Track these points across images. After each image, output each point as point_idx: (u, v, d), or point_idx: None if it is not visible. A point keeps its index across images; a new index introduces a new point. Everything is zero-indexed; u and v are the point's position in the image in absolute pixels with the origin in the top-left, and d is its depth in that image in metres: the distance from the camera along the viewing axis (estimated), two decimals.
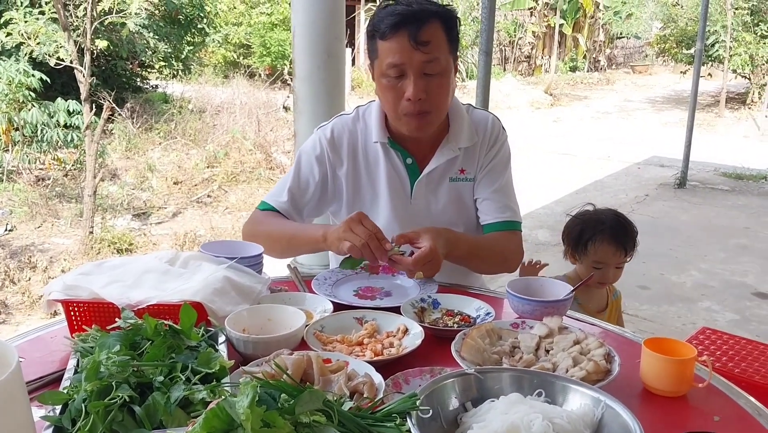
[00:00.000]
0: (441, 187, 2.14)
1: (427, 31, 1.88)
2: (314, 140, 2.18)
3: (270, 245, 2.06)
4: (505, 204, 2.17)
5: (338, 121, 2.18)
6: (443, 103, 2.01)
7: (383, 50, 1.93)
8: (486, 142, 2.16)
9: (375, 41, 1.96)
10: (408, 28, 1.87)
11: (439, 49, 1.92)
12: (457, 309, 1.72)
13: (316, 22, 3.75)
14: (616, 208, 2.82)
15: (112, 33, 9.23)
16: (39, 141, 7.96)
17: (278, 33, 15.26)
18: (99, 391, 1.11)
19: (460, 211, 2.18)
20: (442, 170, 2.13)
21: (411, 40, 1.87)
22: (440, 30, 1.92)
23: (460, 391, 1.19)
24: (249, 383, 0.97)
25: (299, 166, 2.18)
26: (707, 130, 13.38)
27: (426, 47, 1.88)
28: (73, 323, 1.48)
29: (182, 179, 8.56)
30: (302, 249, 2.14)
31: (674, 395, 1.38)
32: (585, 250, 2.62)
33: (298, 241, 2.07)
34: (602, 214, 2.69)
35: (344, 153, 2.14)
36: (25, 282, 5.48)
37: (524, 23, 20.86)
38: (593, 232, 2.61)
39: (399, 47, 1.89)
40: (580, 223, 2.67)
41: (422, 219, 2.12)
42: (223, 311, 1.48)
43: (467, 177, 2.16)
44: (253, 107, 10.68)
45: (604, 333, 1.68)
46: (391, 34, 1.89)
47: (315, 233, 1.98)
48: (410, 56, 1.89)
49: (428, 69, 1.91)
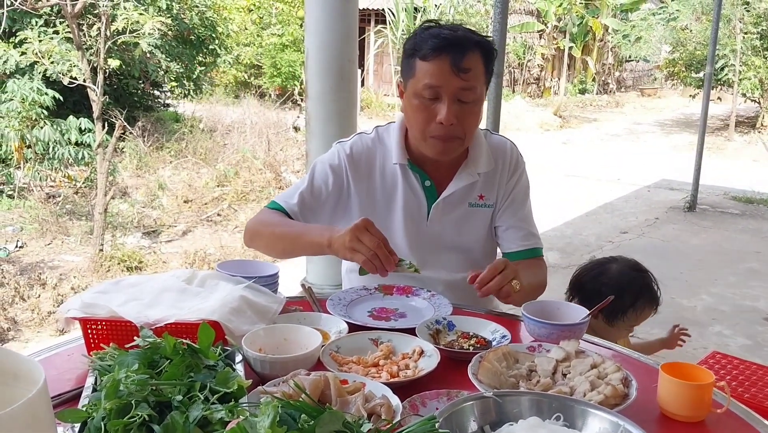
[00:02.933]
0: (458, 211, 2.15)
1: (468, 59, 1.90)
2: (333, 152, 2.17)
3: (272, 243, 2.07)
4: (528, 231, 2.20)
5: (358, 140, 2.18)
6: (472, 131, 2.03)
7: (422, 71, 1.93)
8: (506, 170, 2.18)
9: (413, 60, 1.96)
10: (451, 53, 1.88)
11: (477, 79, 1.94)
12: (473, 331, 1.71)
13: (329, 44, 3.79)
14: (626, 231, 2.81)
15: (125, 52, 9.31)
16: (50, 158, 8.02)
17: (289, 54, 15.35)
18: (118, 409, 1.11)
19: (477, 236, 2.19)
20: (460, 195, 2.13)
21: (452, 66, 1.88)
22: (480, 60, 1.94)
23: (479, 414, 1.19)
24: (270, 403, 0.97)
25: (313, 173, 2.16)
26: (717, 154, 13.36)
27: (466, 74, 1.90)
28: (90, 341, 1.49)
29: (192, 198, 8.59)
30: (305, 251, 2.12)
31: (692, 420, 1.37)
32: (623, 316, 2.51)
33: (301, 242, 2.00)
34: (633, 277, 2.54)
35: (362, 171, 2.14)
36: (35, 299, 5.49)
37: (533, 45, 20.94)
38: (634, 299, 2.50)
39: (439, 70, 1.90)
40: (616, 290, 2.35)
41: (437, 242, 2.13)
42: (239, 330, 1.48)
43: (486, 203, 2.17)
44: (263, 127, 10.73)
45: (621, 357, 1.67)
46: (433, 57, 1.90)
47: (320, 236, 1.91)
48: (449, 81, 1.90)
49: (463, 96, 1.92)
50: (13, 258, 6.41)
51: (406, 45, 2.00)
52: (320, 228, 2.00)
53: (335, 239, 1.84)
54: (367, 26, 18.06)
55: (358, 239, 1.77)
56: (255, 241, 2.12)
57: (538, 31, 20.72)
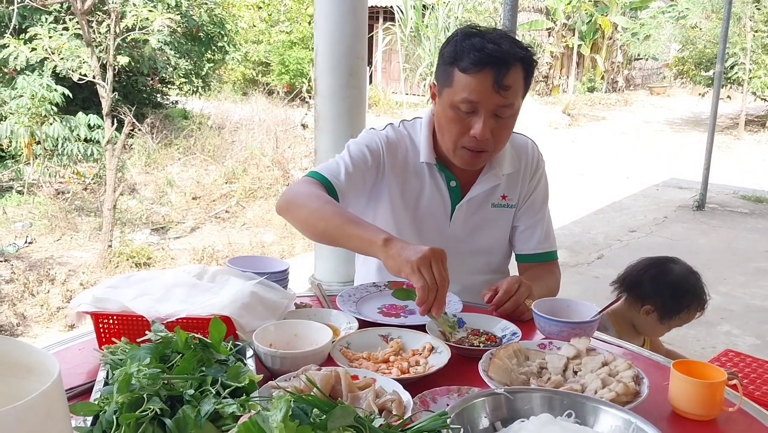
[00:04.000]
0: (482, 212, 2.14)
1: (510, 76, 1.85)
2: (369, 137, 2.10)
3: (313, 220, 1.84)
4: (545, 233, 2.20)
5: (392, 130, 2.14)
6: (503, 144, 2.01)
7: (461, 83, 1.87)
8: (528, 170, 2.17)
9: (452, 69, 1.89)
10: (493, 69, 1.83)
11: (516, 95, 1.89)
12: (483, 329, 1.71)
13: (339, 41, 3.79)
14: (635, 229, 2.82)
15: (134, 49, 9.34)
16: (60, 155, 8.04)
17: (297, 51, 15.37)
18: (130, 403, 1.11)
19: (498, 236, 2.19)
20: (484, 196, 2.12)
21: (494, 83, 1.83)
22: (521, 75, 1.89)
23: (490, 410, 1.19)
24: (282, 397, 0.97)
25: (350, 153, 2.04)
26: (726, 153, 13.30)
27: (506, 92, 1.85)
28: (101, 335, 1.49)
29: (201, 195, 8.61)
30: (346, 242, 1.79)
31: (704, 418, 1.36)
32: (677, 316, 2.58)
33: (349, 231, 1.75)
34: (693, 280, 2.61)
35: (398, 161, 2.10)
36: (44, 295, 5.51)
37: (542, 43, 20.88)
38: (691, 301, 2.57)
39: (480, 86, 1.84)
40: (676, 291, 2.56)
41: (458, 242, 2.12)
42: (250, 325, 1.48)
43: (509, 204, 2.16)
44: (272, 124, 10.75)
45: (631, 355, 1.67)
46: (475, 71, 1.84)
47: (375, 235, 1.68)
48: (489, 98, 1.85)
49: (501, 112, 1.89)
50: (23, 254, 6.44)
51: (445, 50, 1.94)
52: (377, 227, 1.81)
53: (396, 245, 1.63)
54: (376, 24, 18.04)
55: (429, 265, 1.56)
56: (292, 211, 1.91)
57: (547, 29, 20.65)
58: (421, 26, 16.68)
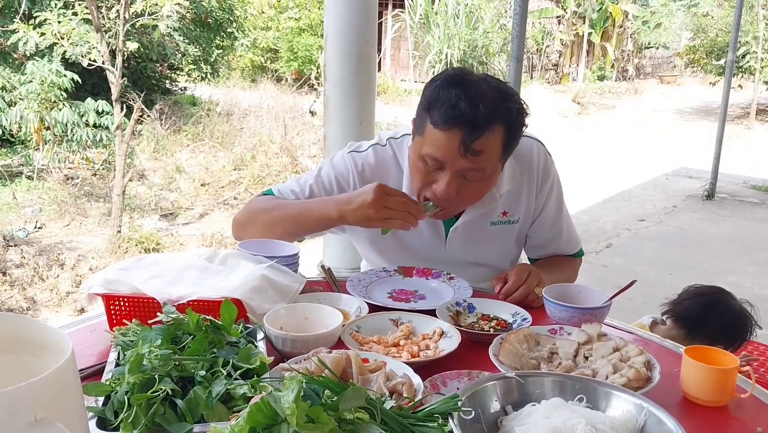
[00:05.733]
0: (479, 231, 2.00)
1: (483, 141, 1.66)
2: (344, 164, 1.98)
3: (269, 229, 1.89)
4: (569, 236, 2.15)
5: (372, 156, 1.98)
6: (474, 202, 1.87)
7: (429, 135, 1.70)
8: (534, 183, 2.00)
9: (426, 117, 1.72)
10: (462, 131, 1.64)
11: (489, 159, 1.71)
12: (493, 314, 1.70)
13: (348, 26, 3.76)
14: (644, 218, 2.83)
15: (143, 35, 9.33)
16: (69, 140, 8.06)
17: (306, 38, 15.34)
18: (142, 384, 1.12)
19: (500, 253, 2.09)
20: (480, 216, 1.98)
21: (461, 146, 1.65)
22: (499, 138, 1.70)
23: (501, 394, 1.18)
24: (294, 378, 0.97)
25: (319, 176, 2.00)
26: (737, 142, 13.21)
27: (475, 156, 1.68)
28: (112, 317, 1.49)
29: (209, 181, 8.63)
30: (310, 228, 1.91)
31: (716, 404, 1.36)
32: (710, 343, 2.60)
33: (305, 219, 1.86)
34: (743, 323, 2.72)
35: None
36: (54, 279, 5.55)
37: (552, 31, 20.76)
38: (735, 340, 2.68)
39: (446, 146, 1.67)
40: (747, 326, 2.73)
41: (457, 264, 2.01)
42: (261, 308, 1.48)
43: (510, 220, 2.02)
44: (280, 111, 10.75)
45: (642, 341, 1.66)
46: (443, 128, 1.66)
47: (326, 209, 1.79)
48: (454, 159, 1.68)
49: (469, 175, 1.73)
50: (32, 239, 6.47)
51: (425, 92, 1.76)
52: (323, 201, 1.87)
53: (349, 212, 1.75)
54: (385, 10, 17.95)
55: (385, 207, 1.70)
56: (248, 230, 1.94)
57: (557, 17, 20.54)
58: (431, 13, 16.60)
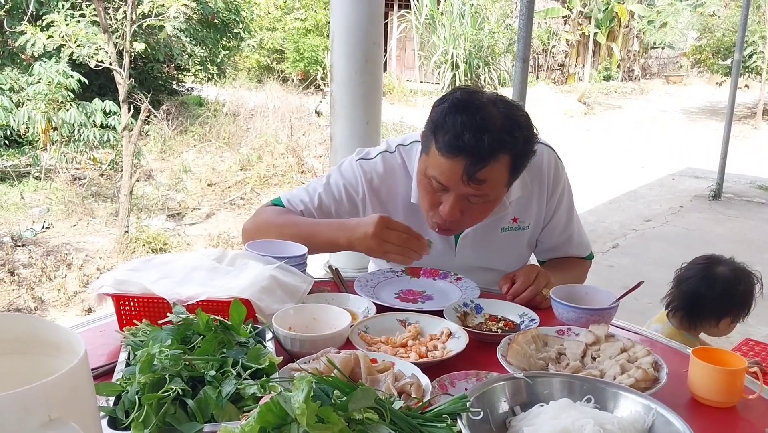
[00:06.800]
0: (490, 238, 2.01)
1: (487, 171, 1.66)
2: (353, 171, 2.00)
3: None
4: (579, 240, 2.16)
5: (380, 163, 2.00)
6: (479, 221, 1.88)
7: (434, 158, 1.71)
8: (545, 190, 2.01)
9: (431, 139, 1.73)
10: (467, 161, 1.65)
11: (493, 187, 1.73)
12: (501, 314, 1.71)
13: (355, 27, 3.78)
14: (650, 219, 2.83)
15: (150, 36, 9.36)
16: (76, 141, 8.08)
17: (312, 39, 15.38)
18: (152, 383, 1.12)
19: (510, 258, 2.08)
20: (490, 223, 1.97)
21: (464, 174, 1.66)
22: (505, 168, 1.70)
23: (510, 394, 1.19)
24: (304, 378, 0.98)
25: (328, 184, 2.01)
26: (743, 143, 13.18)
27: (479, 185, 1.69)
28: (122, 317, 1.50)
29: (216, 181, 8.65)
30: (318, 250, 1.92)
31: (724, 405, 1.36)
32: (749, 309, 2.70)
33: (314, 242, 1.87)
34: (747, 275, 2.75)
35: (382, 199, 2.00)
36: (61, 279, 5.56)
37: (558, 31, 20.74)
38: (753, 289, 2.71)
39: (450, 172, 1.68)
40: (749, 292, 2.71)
41: (467, 270, 2.01)
42: (270, 308, 1.49)
43: (521, 226, 2.03)
44: (286, 112, 10.76)
45: (650, 342, 1.66)
46: (447, 155, 1.67)
47: (335, 236, 1.84)
48: (457, 185, 1.70)
49: (474, 200, 1.75)
50: (40, 239, 6.49)
51: (433, 111, 1.76)
52: (333, 226, 1.89)
53: (356, 240, 1.79)
54: (391, 11, 17.96)
55: (385, 241, 1.73)
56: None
57: (563, 17, 20.51)
58: (437, 13, 16.60)
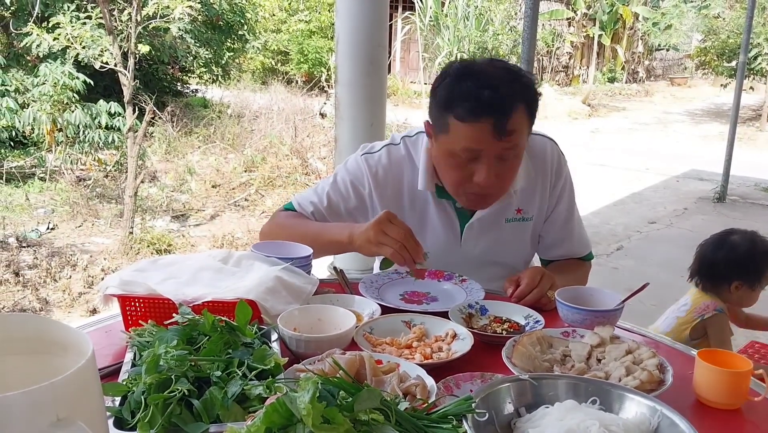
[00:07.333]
0: (494, 229, 2.03)
1: (512, 121, 1.70)
2: (358, 167, 2.04)
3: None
4: (579, 238, 2.16)
5: (386, 156, 2.03)
6: (510, 183, 1.90)
7: (458, 132, 1.73)
8: (548, 180, 2.04)
9: (447, 115, 1.75)
10: (492, 117, 1.68)
11: (521, 135, 1.76)
12: (506, 316, 1.71)
13: (360, 29, 3.78)
14: (655, 221, 2.86)
15: (155, 38, 9.38)
16: (81, 142, 8.10)
17: (316, 40, 15.38)
18: (158, 384, 1.13)
19: (515, 251, 2.10)
20: (495, 213, 2.01)
21: (495, 131, 1.69)
22: (525, 115, 1.75)
23: (515, 396, 1.19)
24: (310, 379, 0.98)
25: (335, 183, 2.06)
26: (748, 145, 13.15)
27: (510, 137, 1.72)
28: (128, 317, 1.51)
29: (220, 183, 8.67)
30: (326, 251, 1.99)
31: (729, 407, 1.36)
32: (764, 276, 2.77)
33: (321, 241, 1.92)
34: (762, 241, 2.84)
35: (389, 192, 2.02)
36: (66, 280, 5.58)
37: (562, 33, 20.73)
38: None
39: (480, 135, 1.71)
40: (761, 255, 2.78)
41: (472, 260, 2.04)
42: (275, 309, 1.49)
43: (525, 217, 2.05)
44: (290, 113, 10.77)
45: (654, 344, 1.66)
46: (472, 120, 1.70)
47: (340, 234, 1.87)
48: (491, 145, 1.72)
49: (505, 155, 1.77)
50: (45, 240, 6.51)
51: (438, 91, 1.79)
52: (339, 225, 1.95)
53: (357, 235, 1.81)
54: (395, 13, 17.95)
55: (383, 232, 1.74)
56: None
57: (567, 19, 20.51)
58: (441, 15, 16.60)
